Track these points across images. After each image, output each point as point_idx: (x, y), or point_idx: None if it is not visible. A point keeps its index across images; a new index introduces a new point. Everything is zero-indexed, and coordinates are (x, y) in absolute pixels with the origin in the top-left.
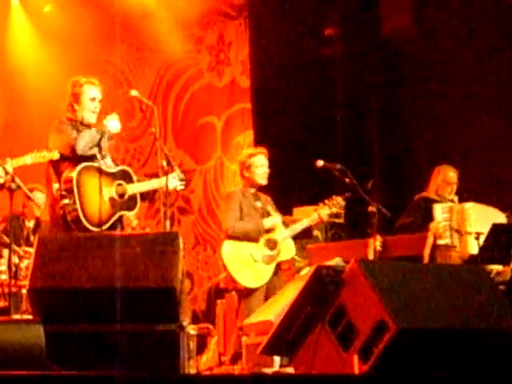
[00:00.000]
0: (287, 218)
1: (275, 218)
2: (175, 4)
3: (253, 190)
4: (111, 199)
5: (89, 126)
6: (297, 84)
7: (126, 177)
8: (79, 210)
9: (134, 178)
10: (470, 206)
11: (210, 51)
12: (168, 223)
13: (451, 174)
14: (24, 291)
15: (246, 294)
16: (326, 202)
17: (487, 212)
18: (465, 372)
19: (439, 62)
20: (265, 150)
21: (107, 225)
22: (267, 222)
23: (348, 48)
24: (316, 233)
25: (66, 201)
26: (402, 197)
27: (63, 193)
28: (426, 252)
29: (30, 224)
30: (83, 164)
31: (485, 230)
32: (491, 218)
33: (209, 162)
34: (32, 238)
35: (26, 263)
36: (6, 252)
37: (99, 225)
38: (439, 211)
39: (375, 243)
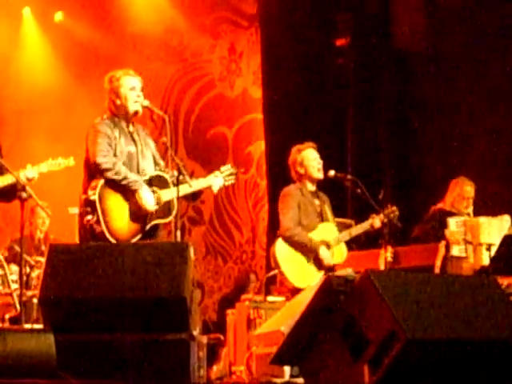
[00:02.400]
0: (340, 220)
1: (330, 257)
2: (186, 14)
3: (310, 187)
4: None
5: (136, 115)
6: (308, 94)
7: (161, 182)
8: (104, 227)
9: (170, 182)
10: (484, 221)
11: (221, 61)
12: (178, 233)
13: (468, 189)
14: (35, 300)
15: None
16: (381, 211)
17: (500, 225)
18: (475, 383)
19: (452, 71)
20: (313, 143)
21: (137, 237)
22: (322, 251)
23: (360, 58)
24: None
25: (89, 217)
26: (414, 207)
27: (87, 209)
28: (438, 263)
29: (41, 236)
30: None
31: (497, 241)
32: (503, 230)
33: None
34: (43, 247)
35: (37, 273)
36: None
37: (128, 239)
38: (453, 225)
39: (386, 254)
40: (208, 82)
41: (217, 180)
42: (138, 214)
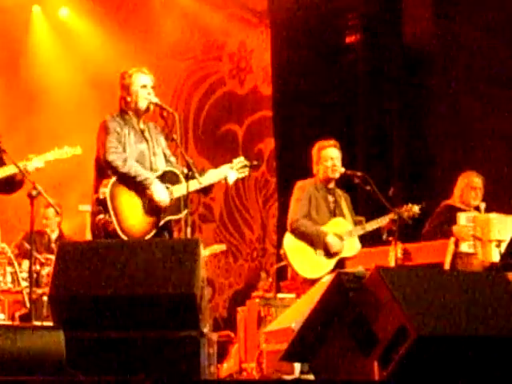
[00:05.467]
0: (358, 217)
1: (338, 243)
2: (196, 12)
3: (325, 183)
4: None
5: (146, 112)
6: (318, 91)
7: (173, 178)
8: (116, 225)
9: (182, 177)
10: (495, 217)
11: (231, 59)
12: (189, 230)
13: (476, 180)
14: (45, 298)
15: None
16: (401, 208)
17: (511, 221)
18: (484, 380)
19: (461, 66)
20: (336, 142)
21: (150, 234)
22: (330, 239)
23: (369, 55)
24: (385, 236)
25: (102, 216)
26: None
27: (99, 208)
28: (447, 259)
29: (53, 236)
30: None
31: (507, 238)
32: None
33: None
34: (53, 245)
35: (47, 270)
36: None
37: (141, 236)
38: (463, 220)
39: (396, 251)
40: (218, 80)
41: (231, 172)
42: (152, 210)
